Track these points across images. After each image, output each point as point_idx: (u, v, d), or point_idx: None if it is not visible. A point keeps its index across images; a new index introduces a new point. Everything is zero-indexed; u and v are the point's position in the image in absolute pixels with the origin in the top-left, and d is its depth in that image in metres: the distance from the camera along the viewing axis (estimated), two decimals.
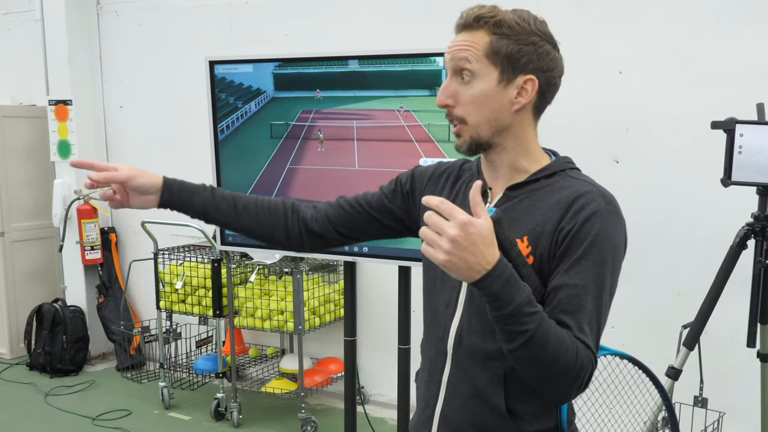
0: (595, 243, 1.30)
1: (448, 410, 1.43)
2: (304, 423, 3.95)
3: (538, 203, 1.37)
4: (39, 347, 5.01)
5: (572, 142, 3.50)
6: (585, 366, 1.26)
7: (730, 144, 2.61)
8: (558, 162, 1.44)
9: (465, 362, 1.40)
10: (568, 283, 1.29)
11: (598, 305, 1.30)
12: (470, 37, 1.37)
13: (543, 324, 1.23)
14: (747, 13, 3.21)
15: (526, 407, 1.36)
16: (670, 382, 2.77)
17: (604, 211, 1.32)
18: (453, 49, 1.39)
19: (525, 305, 1.22)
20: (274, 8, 4.45)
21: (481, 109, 1.38)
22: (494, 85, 1.37)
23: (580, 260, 1.30)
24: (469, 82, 1.37)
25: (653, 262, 3.44)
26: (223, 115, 3.39)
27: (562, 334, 1.25)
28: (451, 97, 1.39)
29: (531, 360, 1.24)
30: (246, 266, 4.28)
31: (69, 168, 5.14)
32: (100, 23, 5.19)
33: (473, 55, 1.36)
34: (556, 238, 1.32)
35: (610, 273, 1.32)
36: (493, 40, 1.36)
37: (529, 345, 1.22)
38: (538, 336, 1.22)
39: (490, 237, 1.21)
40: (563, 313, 1.29)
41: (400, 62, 2.97)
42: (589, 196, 1.34)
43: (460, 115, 1.39)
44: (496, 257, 1.21)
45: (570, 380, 1.26)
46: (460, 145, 1.41)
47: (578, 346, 1.26)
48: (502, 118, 1.39)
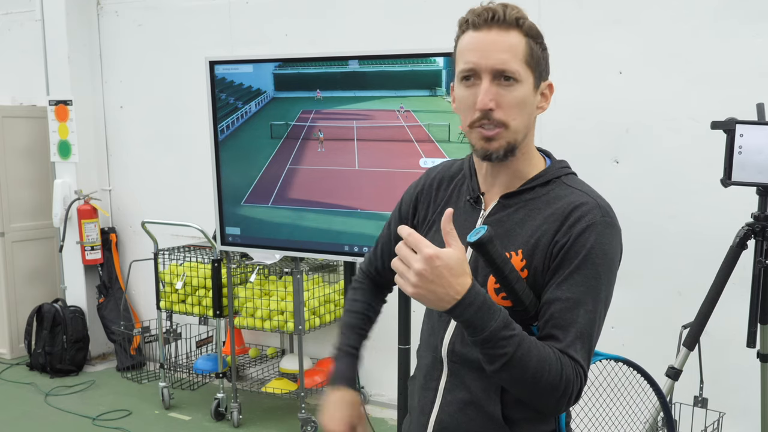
0: (589, 257, 1.29)
1: (444, 417, 1.42)
2: (304, 423, 3.95)
3: (533, 214, 1.36)
4: (39, 347, 5.01)
5: (572, 143, 3.52)
6: (571, 382, 1.26)
7: (730, 144, 2.61)
8: (553, 167, 1.42)
9: (461, 370, 1.40)
10: (561, 297, 1.29)
11: (591, 319, 1.29)
12: (507, 38, 1.31)
13: (522, 346, 1.23)
14: (747, 13, 3.21)
15: (523, 414, 1.36)
16: (670, 383, 2.76)
17: (599, 223, 1.31)
18: (490, 47, 1.31)
19: (500, 330, 1.22)
20: (274, 8, 4.45)
21: (522, 114, 1.34)
22: (531, 90, 1.35)
23: (573, 274, 1.29)
24: (512, 85, 1.32)
25: (653, 262, 3.44)
26: (223, 115, 3.39)
27: (546, 353, 1.25)
28: (494, 100, 1.32)
29: (513, 380, 1.26)
30: (246, 266, 4.28)
31: (69, 168, 5.15)
32: (100, 23, 5.19)
33: (515, 57, 1.31)
34: (551, 251, 1.32)
35: (604, 285, 1.31)
36: (528, 43, 1.33)
37: (510, 367, 1.23)
38: (517, 358, 1.22)
39: (459, 267, 1.20)
40: (555, 327, 1.29)
41: (400, 62, 2.97)
42: (585, 208, 1.32)
43: (502, 119, 1.32)
44: (466, 286, 1.21)
45: (557, 396, 1.26)
46: (496, 149, 1.34)
47: (564, 362, 1.26)
48: (531, 123, 1.38)
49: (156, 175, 5.01)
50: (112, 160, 5.29)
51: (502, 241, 1.34)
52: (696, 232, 3.33)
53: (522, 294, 1.30)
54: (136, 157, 5.15)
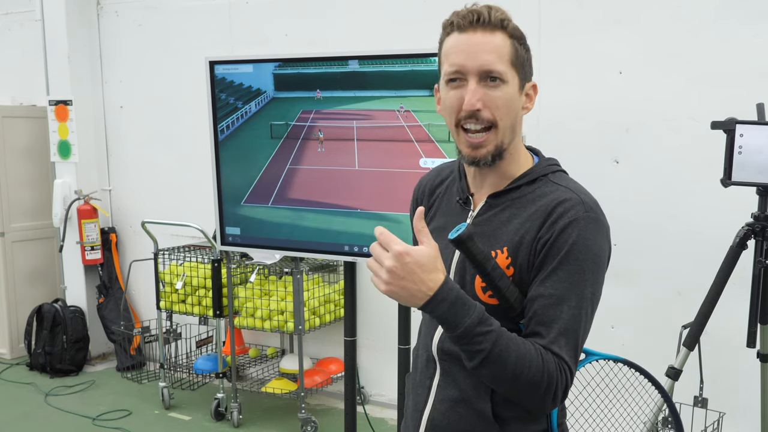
0: (572, 252, 1.29)
1: (436, 415, 1.43)
2: (304, 423, 3.95)
3: (518, 212, 1.36)
4: (39, 347, 5.01)
5: (572, 143, 3.52)
6: (555, 378, 1.26)
7: (730, 144, 2.61)
8: (540, 165, 1.42)
9: (452, 368, 1.40)
10: (544, 294, 1.29)
11: (575, 315, 1.29)
12: (492, 39, 1.32)
13: (499, 342, 1.23)
14: (747, 13, 3.21)
15: (514, 412, 1.36)
16: (670, 383, 2.77)
17: (582, 219, 1.31)
18: (476, 49, 1.31)
19: (475, 326, 1.22)
20: (274, 8, 4.45)
21: (509, 114, 1.35)
22: (517, 90, 1.36)
23: (556, 270, 1.29)
24: (499, 86, 1.32)
25: (653, 262, 3.44)
26: (223, 115, 3.39)
27: (526, 349, 1.25)
28: (482, 100, 1.32)
29: (493, 377, 1.26)
30: (246, 266, 4.28)
31: (69, 168, 5.15)
32: (100, 23, 5.19)
33: (501, 58, 1.32)
34: (535, 248, 1.32)
35: (590, 281, 1.30)
36: (513, 44, 1.34)
37: (488, 363, 1.23)
38: (495, 354, 1.22)
39: (431, 263, 1.21)
40: (538, 324, 1.29)
41: (400, 62, 2.97)
42: (568, 204, 1.32)
43: (491, 119, 1.33)
44: (438, 282, 1.21)
45: (541, 393, 1.26)
46: (484, 155, 1.35)
47: (546, 358, 1.26)
48: (517, 124, 1.39)
49: (156, 175, 5.01)
50: (112, 160, 5.29)
51: (488, 240, 1.35)
52: (696, 231, 3.33)
53: (506, 291, 1.31)
54: (136, 157, 5.15)
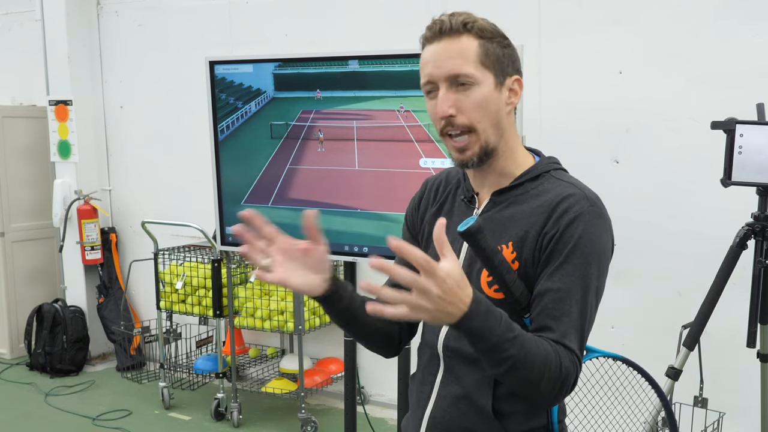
0: (578, 246, 1.30)
1: (438, 411, 1.43)
2: (304, 423, 3.95)
3: (522, 208, 1.37)
4: (39, 347, 5.01)
5: (572, 143, 3.52)
6: (570, 372, 1.27)
7: (730, 144, 2.61)
8: (542, 163, 1.44)
9: (455, 365, 1.41)
10: (552, 288, 1.30)
11: (582, 308, 1.31)
12: (457, 44, 1.35)
13: (525, 345, 1.22)
14: (747, 13, 3.21)
15: (515, 408, 1.37)
16: (670, 382, 2.76)
17: (587, 213, 1.32)
18: (441, 57, 1.35)
19: (505, 332, 1.21)
20: (274, 8, 4.45)
21: (487, 114, 1.36)
22: (493, 89, 1.36)
23: (563, 264, 1.30)
24: (469, 89, 1.34)
25: (653, 262, 3.44)
26: (223, 115, 3.39)
27: (544, 348, 1.25)
28: (453, 106, 1.35)
29: (519, 380, 1.25)
30: (246, 266, 4.28)
31: (69, 168, 5.15)
32: (100, 23, 5.19)
33: (467, 60, 1.34)
34: (541, 243, 1.33)
35: (595, 275, 1.32)
36: (482, 44, 1.35)
37: (515, 368, 1.22)
38: (522, 357, 1.22)
39: (463, 279, 1.17)
40: (548, 318, 1.29)
41: (400, 62, 2.97)
42: (572, 199, 1.34)
43: (467, 123, 1.35)
44: (470, 296, 1.17)
45: (558, 387, 1.27)
46: (470, 158, 1.37)
47: (561, 353, 1.27)
48: (502, 121, 1.39)
49: (156, 175, 5.01)
50: (112, 160, 5.29)
51: (493, 235, 1.36)
52: (696, 231, 3.33)
53: (512, 285, 1.31)
54: (136, 157, 5.14)
